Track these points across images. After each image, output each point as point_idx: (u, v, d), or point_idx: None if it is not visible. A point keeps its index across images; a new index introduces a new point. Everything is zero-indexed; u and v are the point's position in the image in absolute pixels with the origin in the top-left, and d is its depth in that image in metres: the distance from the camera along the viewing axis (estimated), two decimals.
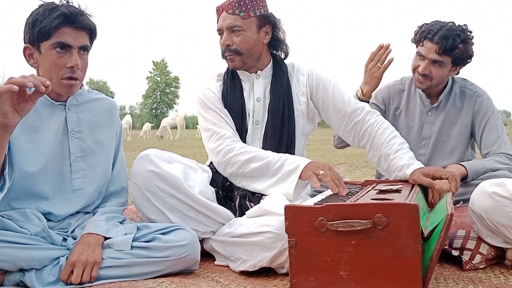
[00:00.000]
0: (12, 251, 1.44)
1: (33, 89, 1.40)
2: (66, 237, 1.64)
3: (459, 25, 2.15)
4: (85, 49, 1.65)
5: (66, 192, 1.71)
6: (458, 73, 2.25)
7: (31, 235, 1.53)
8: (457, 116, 2.26)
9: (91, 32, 1.66)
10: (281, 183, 1.80)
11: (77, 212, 1.76)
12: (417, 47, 2.20)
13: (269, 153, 1.88)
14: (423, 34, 2.15)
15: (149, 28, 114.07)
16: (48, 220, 1.67)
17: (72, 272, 1.50)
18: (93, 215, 1.74)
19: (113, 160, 1.84)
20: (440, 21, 2.16)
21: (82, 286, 1.50)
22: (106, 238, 1.61)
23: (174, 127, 20.18)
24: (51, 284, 1.49)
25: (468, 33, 2.15)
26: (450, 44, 2.08)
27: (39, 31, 1.57)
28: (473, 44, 2.16)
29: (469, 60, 2.19)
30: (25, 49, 1.64)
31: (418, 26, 2.21)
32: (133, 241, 1.60)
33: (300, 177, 1.76)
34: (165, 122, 19.95)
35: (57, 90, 1.66)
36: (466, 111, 2.25)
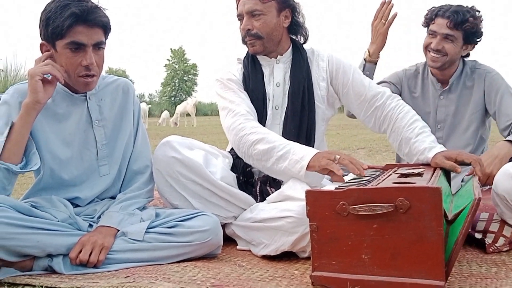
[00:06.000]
0: (40, 237, 1.48)
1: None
2: (92, 224, 1.68)
3: (467, 5, 2.23)
4: (99, 45, 1.64)
5: (94, 178, 1.77)
6: (468, 55, 2.31)
7: (58, 221, 1.58)
8: (469, 95, 2.29)
9: (105, 28, 1.65)
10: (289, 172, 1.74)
11: (102, 199, 1.81)
12: (428, 27, 2.26)
13: (278, 137, 1.82)
14: (434, 12, 2.23)
15: (166, 16, 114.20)
16: (75, 205, 1.72)
17: (81, 251, 1.53)
18: None
19: (134, 139, 1.86)
20: (450, 4, 2.24)
21: (107, 270, 1.53)
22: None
23: (187, 115, 20.10)
24: (78, 269, 1.53)
25: (477, 12, 2.22)
26: (461, 17, 2.15)
27: (52, 31, 1.57)
28: (482, 21, 2.23)
29: (479, 39, 2.25)
30: (41, 45, 1.65)
31: (427, 10, 2.29)
32: (154, 227, 1.64)
33: (310, 167, 1.69)
34: (178, 109, 19.88)
35: (75, 87, 1.70)
36: (477, 89, 2.28)
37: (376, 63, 2.37)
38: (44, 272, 1.52)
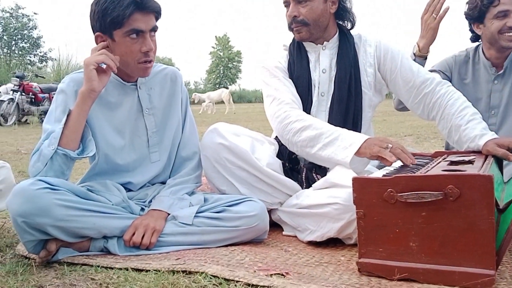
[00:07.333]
0: (96, 219, 1.55)
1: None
2: (144, 207, 1.75)
3: None
4: (154, 30, 1.69)
5: (145, 164, 1.84)
6: None
7: (112, 205, 1.65)
8: None
9: (158, 13, 1.70)
10: (336, 157, 1.74)
11: (153, 184, 1.88)
12: (485, 13, 2.16)
13: (325, 124, 1.83)
14: None
15: (211, 3, 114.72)
16: (128, 190, 1.80)
17: (134, 234, 1.60)
18: None
19: (182, 126, 1.92)
20: None
21: (158, 252, 1.59)
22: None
23: (220, 102, 19.96)
24: (132, 250, 1.60)
25: None
26: None
27: (111, 21, 1.61)
28: None
29: None
30: (97, 37, 1.68)
31: (470, 3, 2.20)
32: (202, 212, 1.68)
33: (360, 154, 1.68)
34: (210, 96, 19.67)
35: (134, 74, 1.75)
36: None
37: (426, 58, 2.29)
38: (100, 252, 1.60)
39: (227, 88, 20.39)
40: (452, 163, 1.59)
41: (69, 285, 1.35)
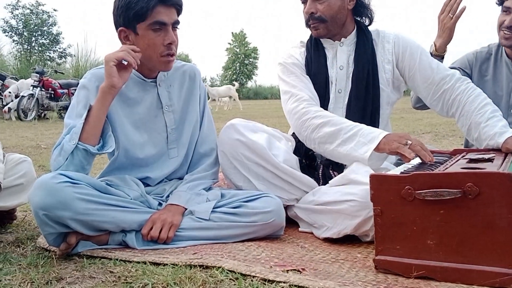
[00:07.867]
0: (115, 213, 1.57)
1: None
2: (161, 202, 1.77)
3: None
4: (177, 24, 1.71)
5: (164, 160, 1.86)
6: None
7: (131, 199, 1.67)
8: None
9: (180, 8, 1.72)
10: (355, 153, 1.74)
11: (171, 179, 1.89)
12: (502, 3, 2.15)
13: (344, 120, 1.83)
14: None
15: (228, 0, 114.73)
16: (146, 185, 1.82)
17: (152, 228, 1.61)
18: None
19: (200, 123, 1.93)
20: None
21: (176, 246, 1.61)
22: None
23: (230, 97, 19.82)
24: (149, 244, 1.62)
25: None
26: None
27: (135, 14, 1.64)
28: None
29: None
30: (120, 32, 1.71)
31: None
32: (219, 207, 1.69)
33: (379, 149, 1.69)
34: (218, 92, 19.51)
35: (156, 68, 1.77)
36: None
37: (443, 57, 2.26)
38: (118, 246, 1.62)
39: (233, 85, 20.28)
40: (471, 160, 1.57)
41: (88, 278, 1.37)
